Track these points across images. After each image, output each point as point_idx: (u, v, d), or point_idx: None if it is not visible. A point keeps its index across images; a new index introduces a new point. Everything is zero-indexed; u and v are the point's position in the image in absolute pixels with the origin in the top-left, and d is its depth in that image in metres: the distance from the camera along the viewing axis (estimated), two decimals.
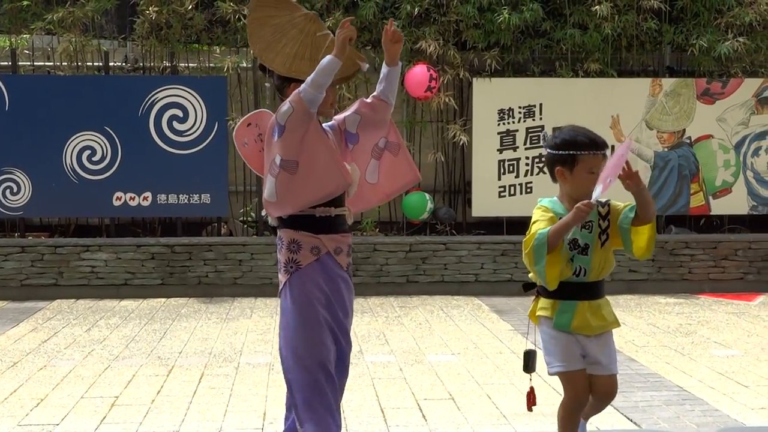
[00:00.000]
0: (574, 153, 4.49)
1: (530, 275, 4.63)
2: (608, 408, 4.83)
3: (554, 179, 4.65)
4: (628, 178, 4.34)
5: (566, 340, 4.59)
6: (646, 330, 9.01)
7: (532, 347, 4.76)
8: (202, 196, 11.31)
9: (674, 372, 7.36)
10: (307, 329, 4.56)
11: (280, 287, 4.65)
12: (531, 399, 4.84)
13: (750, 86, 11.78)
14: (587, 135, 4.53)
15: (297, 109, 4.34)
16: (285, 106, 4.40)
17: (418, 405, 6.45)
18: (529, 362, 4.73)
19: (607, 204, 4.61)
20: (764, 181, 11.87)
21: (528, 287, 4.72)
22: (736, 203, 11.86)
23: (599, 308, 4.61)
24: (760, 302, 10.89)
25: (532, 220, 4.58)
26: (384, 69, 4.71)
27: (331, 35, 4.68)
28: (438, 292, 11.22)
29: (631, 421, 5.98)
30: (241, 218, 11.97)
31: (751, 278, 11.62)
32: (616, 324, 4.69)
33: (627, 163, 4.36)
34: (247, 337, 8.77)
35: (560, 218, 4.48)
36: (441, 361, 7.82)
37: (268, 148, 4.53)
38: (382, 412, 6.19)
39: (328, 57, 4.35)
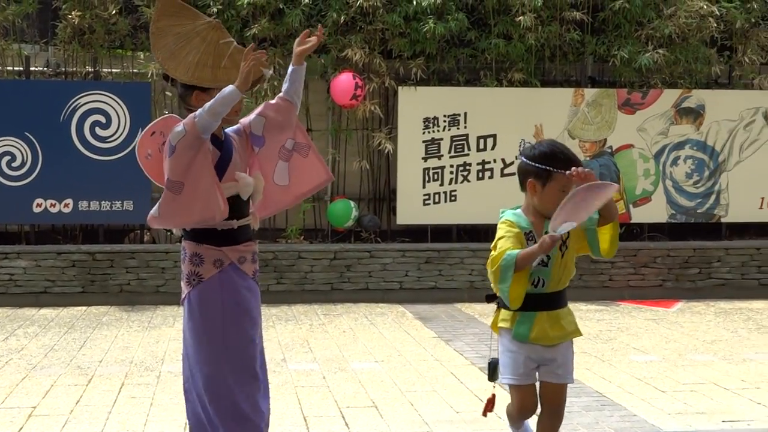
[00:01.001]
0: (550, 169, 4.42)
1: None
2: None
3: (523, 189, 4.58)
4: (582, 180, 4.23)
5: (522, 353, 4.56)
6: None
7: (496, 357, 4.70)
8: (125, 202, 11.17)
9: (594, 378, 7.45)
10: (209, 343, 4.52)
11: (182, 296, 4.59)
12: (490, 405, 4.76)
13: (669, 97, 12.00)
14: (566, 153, 4.47)
15: (189, 132, 4.27)
16: (179, 127, 4.32)
17: (341, 413, 6.44)
18: (494, 371, 4.66)
19: None
20: (683, 190, 12.11)
21: (491, 298, 4.67)
22: (655, 211, 12.07)
23: (558, 318, 4.58)
24: (678, 309, 11.07)
25: (498, 236, 4.51)
26: (289, 68, 4.67)
27: (235, 42, 4.65)
28: (362, 299, 11.21)
29: None
30: None
31: (669, 285, 11.83)
32: (577, 333, 4.67)
33: (583, 170, 4.27)
34: (169, 345, 8.66)
35: (524, 232, 4.48)
36: (364, 368, 7.82)
37: (163, 162, 4.45)
38: (305, 420, 6.17)
39: (230, 87, 4.27)
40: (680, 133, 12.08)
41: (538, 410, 4.70)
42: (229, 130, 4.71)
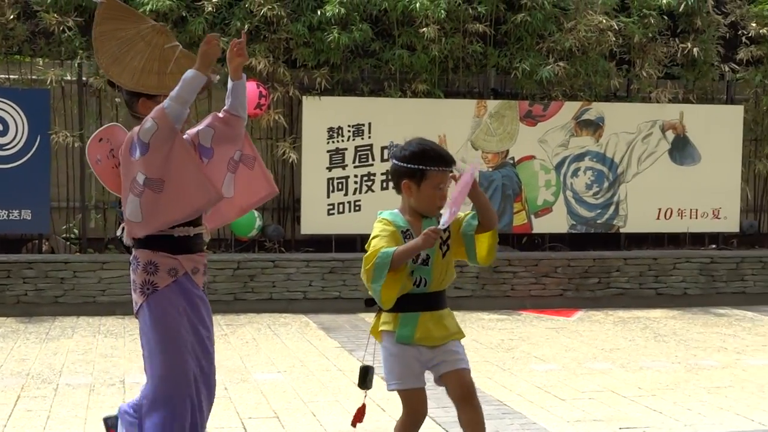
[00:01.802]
0: (423, 168, 4.42)
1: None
2: (428, 422, 4.85)
3: (399, 191, 4.58)
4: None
5: (406, 356, 4.49)
6: (469, 346, 8.99)
7: (370, 363, 4.67)
8: (23, 211, 10.93)
9: (495, 387, 7.52)
10: (168, 350, 4.40)
11: (136, 308, 4.44)
12: (359, 415, 4.72)
13: (570, 109, 12.22)
14: (436, 150, 4.49)
15: (162, 125, 4.16)
16: (148, 122, 4.20)
17: (243, 424, 6.39)
18: (365, 378, 4.62)
19: None
20: (583, 201, 12.34)
21: (370, 302, 4.59)
22: (556, 222, 12.26)
23: (441, 318, 4.54)
24: (578, 318, 11.25)
25: (373, 234, 4.50)
26: (229, 83, 4.55)
27: (180, 47, 4.56)
28: (266, 309, 11.15)
29: None
30: (64, 235, 11.63)
31: (569, 294, 12.00)
32: (461, 334, 4.60)
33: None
34: (68, 357, 8.50)
35: (401, 231, 4.46)
36: (267, 379, 7.78)
37: (126, 166, 4.31)
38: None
39: (192, 72, 4.19)
40: (580, 145, 12.32)
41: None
42: None
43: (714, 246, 12.98)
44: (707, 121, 12.68)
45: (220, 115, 4.54)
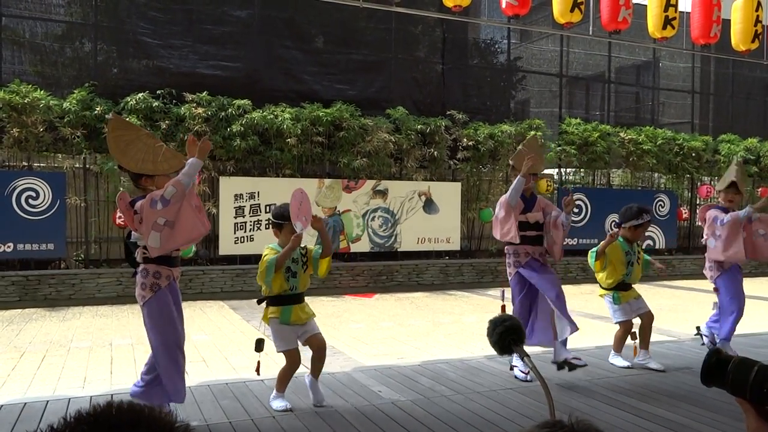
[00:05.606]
0: (281, 222, 4.47)
1: (262, 290, 4.48)
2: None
3: (275, 234, 4.61)
4: (316, 223, 4.36)
5: (286, 331, 4.45)
6: (317, 317, 9.09)
7: (262, 337, 4.57)
8: (48, 244, 10.21)
9: (329, 338, 7.26)
10: (166, 325, 4.10)
11: (144, 301, 4.12)
12: (258, 367, 4.60)
13: (369, 184, 12.37)
14: (287, 210, 4.44)
15: (178, 190, 3.90)
16: (170, 188, 3.91)
17: None
18: (259, 345, 4.51)
19: (305, 247, 4.58)
20: (377, 234, 12.50)
21: (260, 301, 4.56)
22: (363, 245, 12.36)
23: (303, 307, 4.53)
24: (376, 298, 11.37)
25: (264, 254, 4.45)
26: (191, 160, 4.23)
27: (165, 146, 4.30)
28: (199, 299, 10.79)
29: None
30: (74, 258, 10.93)
31: (371, 285, 12.10)
32: (314, 315, 4.62)
33: (314, 216, 4.36)
34: (76, 331, 8.05)
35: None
36: (199, 339, 7.60)
37: (150, 213, 3.96)
38: None
39: (195, 160, 3.98)
40: (376, 204, 12.45)
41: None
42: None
43: (447, 257, 13.29)
44: (442, 191, 13.02)
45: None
